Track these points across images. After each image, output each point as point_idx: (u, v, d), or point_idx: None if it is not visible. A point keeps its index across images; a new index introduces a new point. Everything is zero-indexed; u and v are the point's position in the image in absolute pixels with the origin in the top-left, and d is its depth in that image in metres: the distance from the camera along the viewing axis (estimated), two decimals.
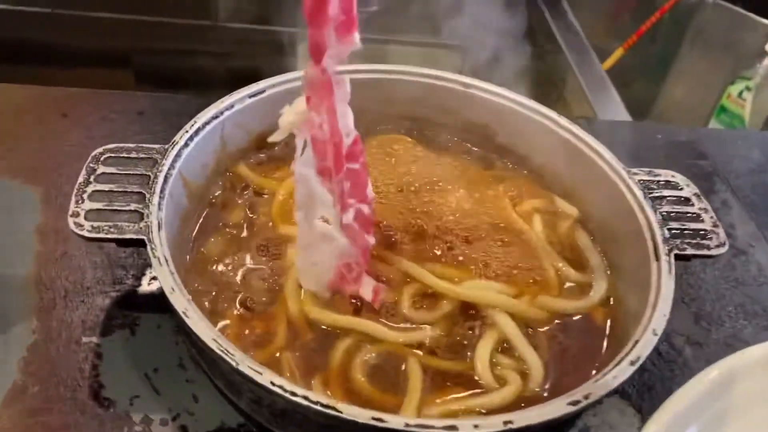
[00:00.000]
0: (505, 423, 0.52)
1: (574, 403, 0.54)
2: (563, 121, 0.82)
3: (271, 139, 0.61)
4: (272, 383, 0.52)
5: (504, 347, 0.67)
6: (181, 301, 0.57)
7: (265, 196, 0.77)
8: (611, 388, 0.56)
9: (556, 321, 0.70)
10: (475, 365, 0.64)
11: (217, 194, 0.77)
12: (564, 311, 0.71)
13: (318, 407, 0.51)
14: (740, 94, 1.55)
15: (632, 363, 0.58)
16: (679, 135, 1.07)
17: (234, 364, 0.53)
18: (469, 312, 0.69)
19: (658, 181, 0.77)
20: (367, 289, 0.67)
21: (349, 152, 0.62)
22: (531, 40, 1.46)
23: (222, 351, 0.54)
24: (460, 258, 0.73)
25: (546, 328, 0.69)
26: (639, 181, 0.76)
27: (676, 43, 1.77)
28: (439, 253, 0.73)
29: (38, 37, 1.46)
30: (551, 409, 0.54)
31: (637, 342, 0.60)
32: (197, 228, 0.73)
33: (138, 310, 0.70)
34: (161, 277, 0.58)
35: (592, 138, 0.80)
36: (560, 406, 0.54)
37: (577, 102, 1.47)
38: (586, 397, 0.55)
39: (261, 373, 0.52)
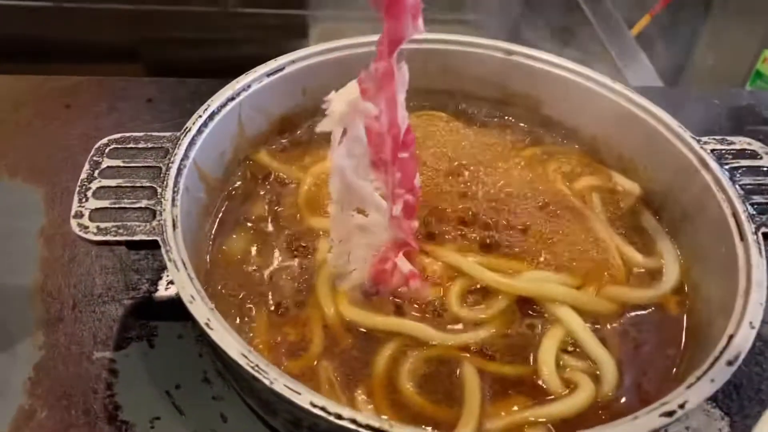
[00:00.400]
0: None
1: (669, 414, 0.46)
2: (617, 86, 0.73)
3: (319, 128, 0.53)
4: (312, 404, 0.44)
5: (570, 347, 0.59)
6: (202, 310, 0.49)
7: (291, 186, 0.69)
8: (709, 395, 0.48)
9: (626, 314, 0.62)
10: (540, 369, 0.57)
11: (236, 185, 0.69)
12: (634, 302, 0.63)
13: (367, 431, 0.43)
14: None
15: (730, 363, 0.50)
16: (739, 99, 0.97)
17: (268, 382, 0.45)
18: (528, 308, 0.61)
19: (733, 150, 0.68)
20: (404, 265, 0.59)
21: (402, 142, 0.54)
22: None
23: (253, 368, 0.46)
24: (513, 247, 0.64)
25: (615, 323, 0.61)
26: (711, 150, 0.67)
27: (706, 8, 1.68)
28: (488, 242, 0.64)
29: (43, 32, 1.40)
30: (643, 422, 0.46)
31: (732, 337, 0.52)
32: (216, 224, 0.66)
33: (156, 319, 0.63)
34: (179, 283, 0.51)
35: (652, 104, 0.71)
36: (652, 418, 0.46)
37: (606, 70, 1.38)
38: (681, 407, 0.47)
39: (300, 393, 0.45)
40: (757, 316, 0.53)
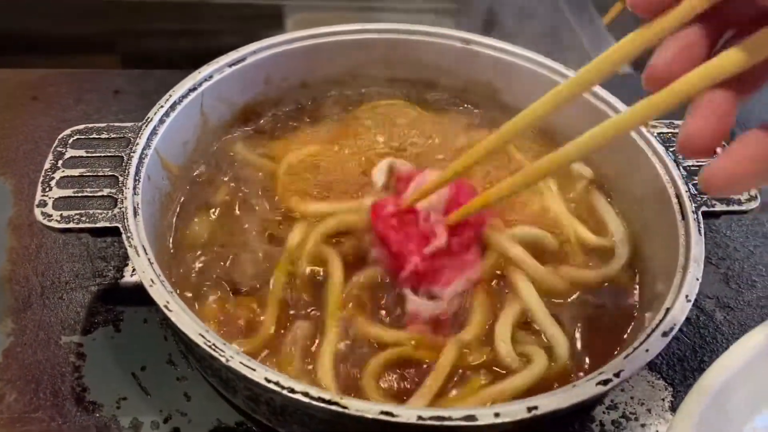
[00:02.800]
0: (530, 409, 0.47)
1: (605, 382, 0.49)
2: (571, 73, 0.75)
3: None
4: (267, 379, 0.46)
5: (524, 324, 0.61)
6: (162, 293, 0.51)
7: (253, 173, 0.71)
8: (644, 364, 0.51)
9: (579, 292, 0.64)
10: (497, 344, 0.59)
11: (200, 173, 0.71)
12: (586, 280, 0.65)
13: (320, 404, 0.46)
14: None
15: (665, 334, 0.53)
16: None
17: (224, 360, 0.47)
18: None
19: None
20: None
21: None
22: None
23: (210, 347, 0.48)
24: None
25: (569, 299, 0.63)
26: (658, 134, 0.69)
27: None
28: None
29: (14, 24, 1.39)
30: (580, 391, 0.48)
31: (669, 310, 0.55)
32: (179, 210, 0.67)
33: (122, 304, 0.65)
34: (139, 268, 0.53)
35: (603, 89, 0.74)
36: (589, 386, 0.49)
37: (578, 59, 1.40)
38: (617, 375, 0.49)
39: (255, 369, 0.47)
40: (693, 290, 0.56)
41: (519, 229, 0.66)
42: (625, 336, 0.62)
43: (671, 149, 0.68)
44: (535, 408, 0.47)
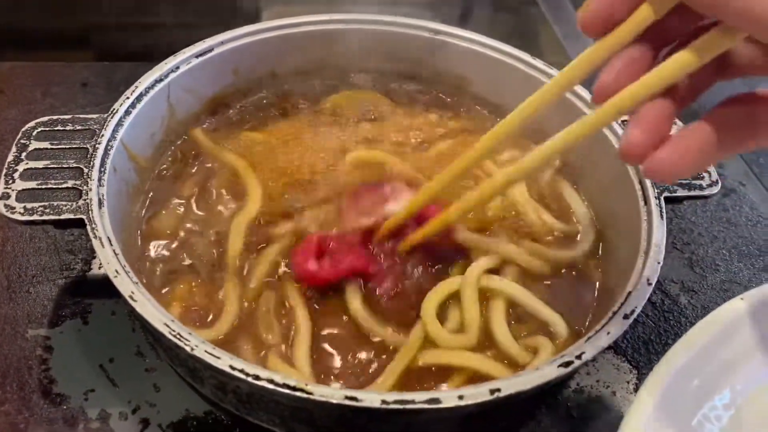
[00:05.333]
0: (492, 392, 0.47)
1: (566, 364, 0.50)
2: (538, 63, 0.76)
3: None
4: (232, 367, 0.47)
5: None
6: (126, 284, 0.51)
7: (225, 168, 0.70)
8: (605, 346, 0.52)
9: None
10: (499, 342, 0.59)
11: (167, 165, 0.71)
12: (557, 260, 0.66)
13: (285, 390, 0.46)
14: None
15: (626, 316, 0.54)
16: None
17: (189, 349, 0.47)
18: None
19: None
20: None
21: None
22: None
23: (175, 336, 0.48)
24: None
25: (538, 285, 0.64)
26: (622, 121, 0.70)
27: None
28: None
29: None
30: (542, 373, 0.49)
31: (630, 293, 0.56)
32: (148, 202, 0.67)
33: (89, 297, 0.65)
34: (104, 259, 0.52)
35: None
36: (551, 369, 0.49)
37: (553, 53, 1.41)
38: (578, 357, 0.50)
39: (219, 358, 0.47)
40: (653, 274, 0.56)
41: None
42: (587, 323, 0.63)
43: None
44: (498, 390, 0.47)
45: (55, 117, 0.64)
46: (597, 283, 0.66)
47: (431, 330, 0.58)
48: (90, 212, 0.55)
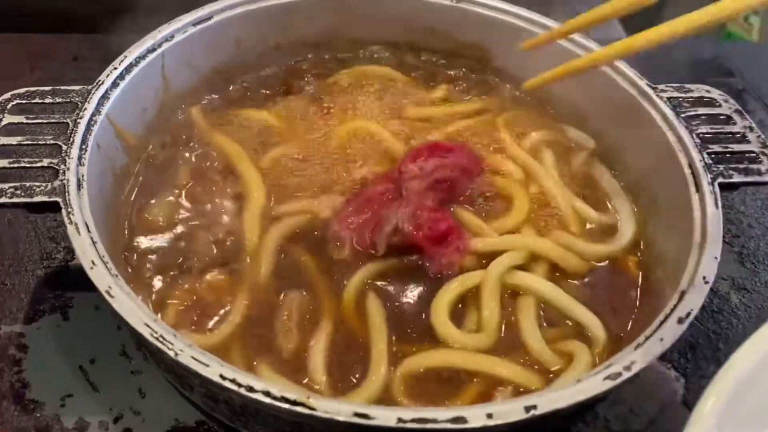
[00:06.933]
0: (528, 409, 0.40)
1: (613, 376, 0.43)
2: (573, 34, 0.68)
3: None
4: (222, 376, 0.40)
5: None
6: (103, 276, 0.44)
7: (224, 153, 0.63)
8: (658, 354, 0.45)
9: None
10: (529, 346, 0.52)
11: (160, 147, 0.64)
12: (592, 255, 0.59)
13: (283, 405, 0.39)
14: (746, 18, 1.41)
15: (681, 320, 0.47)
16: (701, 50, 0.93)
17: (173, 354, 0.41)
18: None
19: (690, 98, 0.64)
20: None
21: None
22: None
23: (157, 339, 0.41)
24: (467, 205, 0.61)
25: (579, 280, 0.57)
26: (668, 98, 0.63)
27: None
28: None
29: None
30: (585, 386, 0.42)
31: (684, 293, 0.48)
32: (138, 188, 0.61)
33: (71, 290, 0.59)
34: (79, 248, 0.46)
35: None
36: (595, 382, 0.42)
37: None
38: (627, 368, 0.43)
39: (208, 365, 0.40)
40: (711, 271, 0.49)
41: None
42: (629, 326, 0.56)
43: (682, 114, 0.61)
44: (534, 407, 0.40)
45: (33, 88, 0.57)
46: (639, 282, 0.59)
47: (441, 329, 0.52)
48: (66, 194, 0.49)
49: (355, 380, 0.49)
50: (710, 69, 0.91)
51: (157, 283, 0.54)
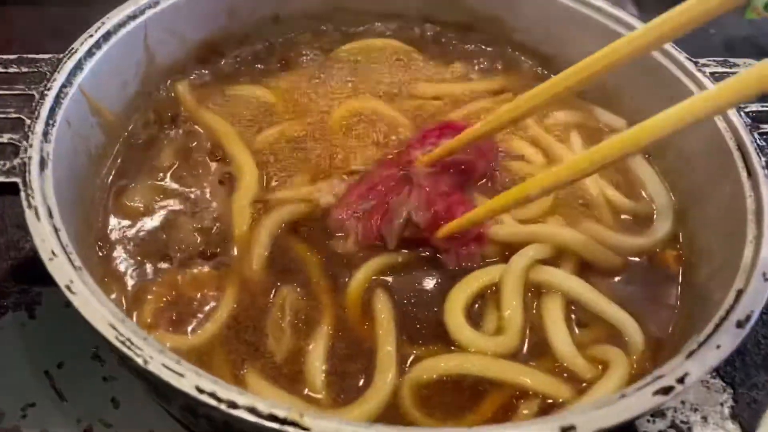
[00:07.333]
0: (565, 430, 0.34)
1: (664, 391, 0.36)
2: (599, 3, 0.62)
3: None
4: (199, 389, 0.33)
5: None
6: (64, 269, 0.38)
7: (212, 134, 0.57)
8: (715, 365, 0.38)
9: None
10: (559, 352, 0.46)
11: (142, 126, 0.58)
12: (625, 249, 0.52)
13: (271, 424, 0.33)
14: (766, 6, 1.34)
15: (740, 324, 0.40)
16: (737, 29, 0.86)
17: (141, 362, 0.34)
18: None
19: (736, 73, 0.57)
20: None
21: None
22: None
23: (123, 343, 0.35)
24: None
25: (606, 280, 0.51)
26: (710, 74, 0.56)
27: None
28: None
29: None
30: (631, 403, 0.36)
31: (741, 292, 0.42)
32: (115, 171, 0.54)
33: (40, 284, 0.53)
34: (38, 236, 0.40)
35: (642, 24, 0.60)
36: (643, 398, 0.36)
37: None
38: (680, 381, 0.37)
39: (182, 375, 0.34)
40: None
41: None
42: (670, 329, 0.49)
43: None
44: (572, 429, 0.34)
45: None
46: (679, 278, 0.52)
47: (456, 331, 0.46)
48: (27, 174, 0.43)
49: (359, 388, 0.43)
50: (745, 47, 0.84)
51: (134, 276, 0.48)
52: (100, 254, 0.49)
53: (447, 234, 0.49)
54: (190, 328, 0.45)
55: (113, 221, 0.51)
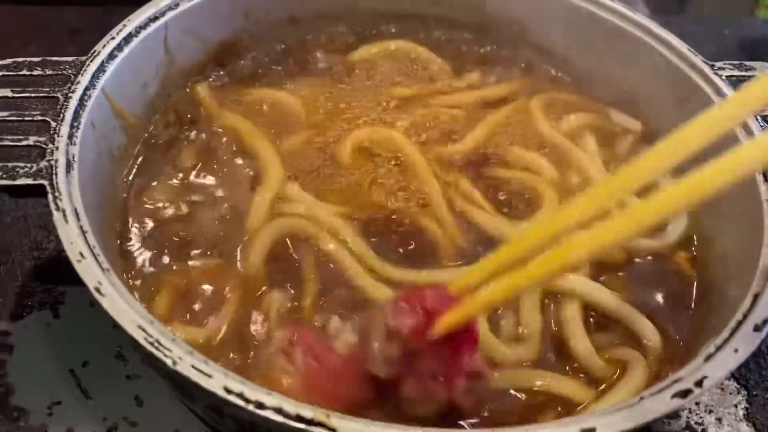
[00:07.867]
0: None
1: (683, 393, 0.37)
2: (616, 5, 0.62)
3: None
4: (227, 389, 0.34)
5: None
6: (93, 271, 0.39)
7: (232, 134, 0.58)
8: (733, 368, 0.38)
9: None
10: (579, 355, 0.46)
11: (163, 127, 0.59)
12: (636, 251, 0.53)
13: (298, 424, 0.33)
14: None
15: (757, 328, 0.41)
16: (752, 29, 0.86)
17: (170, 363, 0.35)
18: None
19: (752, 77, 0.58)
20: None
21: None
22: None
23: (152, 344, 0.36)
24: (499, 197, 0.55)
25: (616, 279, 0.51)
26: (726, 77, 0.56)
27: None
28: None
29: None
30: (650, 406, 0.36)
31: (758, 296, 0.42)
32: (136, 170, 0.55)
33: (63, 283, 0.54)
34: (66, 238, 0.41)
35: (658, 26, 0.60)
36: (662, 401, 0.36)
37: None
38: (699, 384, 0.37)
39: (211, 376, 0.35)
40: None
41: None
42: (684, 332, 0.49)
43: None
44: (592, 431, 0.34)
45: (20, 59, 0.52)
46: (694, 282, 0.52)
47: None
48: (54, 177, 0.43)
49: None
50: (761, 47, 0.84)
51: (154, 272, 0.49)
52: (121, 252, 0.49)
53: (447, 329, 0.38)
54: (205, 321, 0.46)
55: (134, 220, 0.52)
